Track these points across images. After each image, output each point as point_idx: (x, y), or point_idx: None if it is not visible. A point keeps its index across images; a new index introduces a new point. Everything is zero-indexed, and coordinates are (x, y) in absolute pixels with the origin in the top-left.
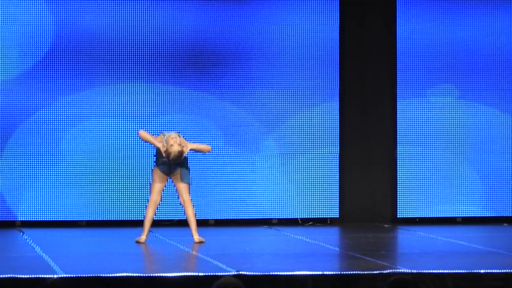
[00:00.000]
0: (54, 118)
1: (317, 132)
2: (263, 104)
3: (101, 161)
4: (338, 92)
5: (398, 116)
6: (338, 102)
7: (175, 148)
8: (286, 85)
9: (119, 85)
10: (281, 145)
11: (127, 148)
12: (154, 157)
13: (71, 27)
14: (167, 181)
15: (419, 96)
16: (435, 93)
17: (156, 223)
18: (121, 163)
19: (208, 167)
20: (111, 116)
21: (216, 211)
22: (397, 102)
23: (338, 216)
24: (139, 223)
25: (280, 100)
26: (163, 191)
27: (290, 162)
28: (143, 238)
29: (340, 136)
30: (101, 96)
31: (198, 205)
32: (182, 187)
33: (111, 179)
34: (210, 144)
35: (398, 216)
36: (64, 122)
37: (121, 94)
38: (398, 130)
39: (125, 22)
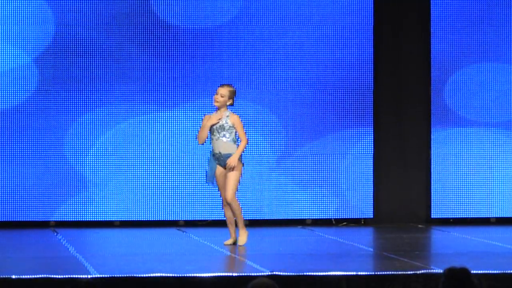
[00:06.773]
0: (88, 121)
1: (352, 132)
2: (296, 103)
3: (133, 161)
4: (372, 92)
5: (432, 117)
6: (372, 102)
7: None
8: (320, 86)
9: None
10: (315, 145)
11: (159, 149)
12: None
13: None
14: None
15: (454, 96)
16: (469, 93)
17: (190, 224)
18: (154, 163)
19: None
20: (144, 118)
21: (250, 211)
22: (432, 102)
23: (372, 217)
24: (172, 224)
25: (311, 99)
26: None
27: (325, 163)
28: (228, 240)
29: (375, 137)
30: (133, 102)
31: None
32: None
33: (144, 179)
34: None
35: (432, 217)
36: (98, 125)
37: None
38: (432, 130)
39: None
